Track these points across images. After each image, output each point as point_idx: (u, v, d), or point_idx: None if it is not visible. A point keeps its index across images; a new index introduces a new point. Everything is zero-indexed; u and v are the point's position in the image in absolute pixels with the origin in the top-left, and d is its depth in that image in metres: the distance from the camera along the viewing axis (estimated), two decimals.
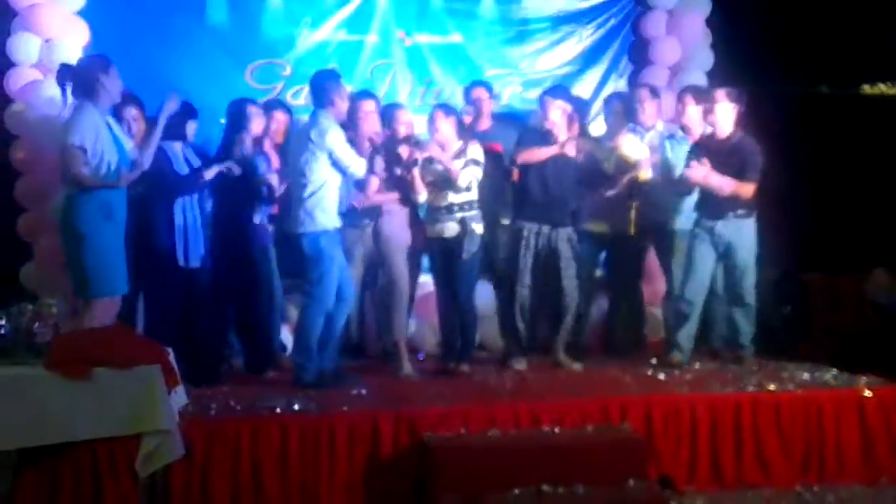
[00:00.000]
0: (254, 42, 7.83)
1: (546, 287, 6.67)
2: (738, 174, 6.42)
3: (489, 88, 7.38)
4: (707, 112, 6.63)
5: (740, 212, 6.54)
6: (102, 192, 5.26)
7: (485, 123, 7.19)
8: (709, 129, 6.74)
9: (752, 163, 6.48)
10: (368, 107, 6.64)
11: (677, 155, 6.85)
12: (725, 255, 6.60)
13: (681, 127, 7.04)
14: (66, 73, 5.43)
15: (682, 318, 6.67)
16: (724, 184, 6.43)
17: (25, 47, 7.13)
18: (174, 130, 6.08)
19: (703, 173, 6.44)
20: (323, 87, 6.08)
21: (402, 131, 6.64)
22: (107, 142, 5.29)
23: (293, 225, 6.04)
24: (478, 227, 6.46)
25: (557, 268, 6.60)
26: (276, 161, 6.64)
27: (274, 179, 6.45)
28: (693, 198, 6.75)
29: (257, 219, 6.42)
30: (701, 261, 6.61)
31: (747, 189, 6.45)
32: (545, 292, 6.70)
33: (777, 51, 7.93)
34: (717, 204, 6.52)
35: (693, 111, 6.88)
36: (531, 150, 6.58)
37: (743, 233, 6.59)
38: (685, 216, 6.86)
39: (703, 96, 6.86)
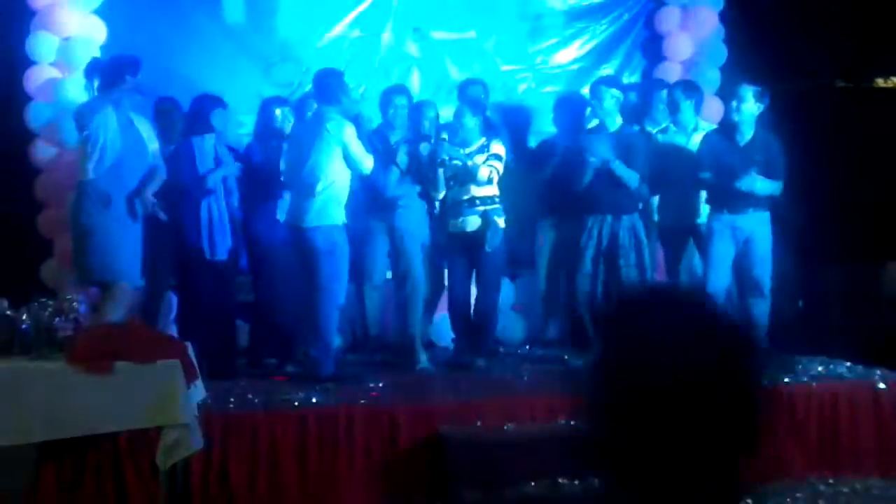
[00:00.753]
0: (270, 41, 7.88)
1: (607, 276, 6.64)
2: (764, 172, 6.45)
3: (484, 86, 7.32)
4: (729, 109, 6.66)
5: (758, 205, 6.58)
6: (100, 181, 5.46)
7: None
8: (701, 123, 6.89)
9: (778, 161, 6.53)
10: (400, 101, 6.77)
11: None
12: (745, 248, 6.63)
13: (673, 121, 7.10)
14: (94, 68, 5.60)
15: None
16: (764, 187, 6.50)
17: (44, 46, 7.19)
18: (201, 124, 6.16)
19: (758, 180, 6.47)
20: (328, 84, 6.14)
21: (427, 126, 6.70)
22: (112, 134, 5.43)
23: (303, 219, 6.06)
24: (500, 221, 6.48)
25: (617, 257, 6.57)
26: None
27: None
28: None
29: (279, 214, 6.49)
30: (722, 255, 6.63)
31: (778, 188, 6.53)
32: (605, 282, 6.67)
33: (791, 45, 7.92)
34: (738, 199, 6.55)
35: (686, 105, 6.95)
36: None
37: (762, 225, 6.63)
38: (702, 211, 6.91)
39: (692, 90, 7.00)
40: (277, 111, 6.75)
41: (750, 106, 6.53)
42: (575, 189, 6.65)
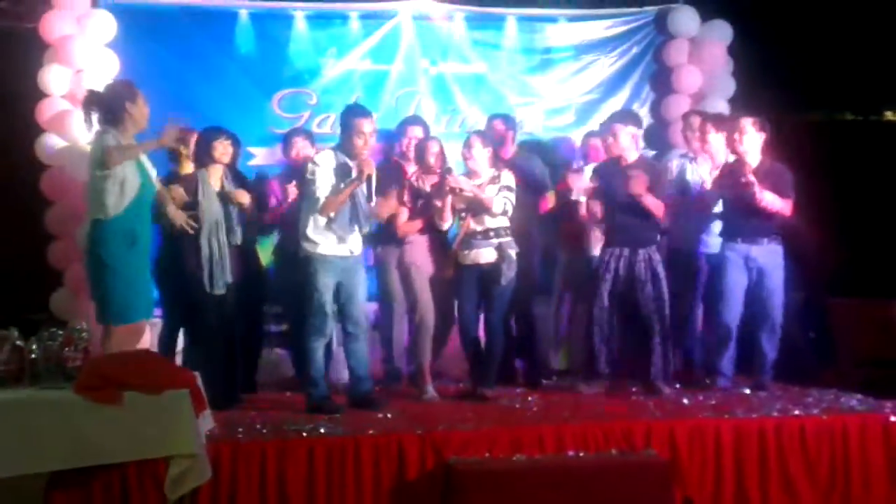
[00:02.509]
0: (281, 71, 7.97)
1: (623, 310, 6.69)
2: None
3: (507, 120, 7.32)
4: (732, 141, 6.68)
5: (772, 237, 6.60)
6: (126, 219, 5.34)
7: (509, 151, 7.23)
8: (731, 158, 6.81)
9: (786, 181, 6.55)
10: (415, 132, 6.94)
11: (697, 177, 6.95)
12: (758, 280, 6.63)
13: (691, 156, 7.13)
14: (92, 100, 5.51)
15: (722, 344, 6.70)
16: (775, 202, 6.49)
17: (56, 79, 7.26)
18: (212, 154, 6.21)
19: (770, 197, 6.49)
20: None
21: (432, 161, 6.74)
22: (130, 170, 5.36)
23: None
24: (512, 253, 6.49)
25: (635, 290, 6.60)
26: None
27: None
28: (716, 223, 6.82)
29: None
30: (735, 285, 6.64)
31: (788, 206, 6.52)
32: (622, 316, 6.72)
33: (799, 78, 7.96)
34: (752, 229, 6.59)
35: (715, 139, 6.94)
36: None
37: (775, 259, 6.64)
38: (709, 240, 6.94)
39: (725, 124, 6.94)
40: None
41: (751, 136, 6.58)
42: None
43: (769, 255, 6.63)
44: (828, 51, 8.06)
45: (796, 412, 5.91)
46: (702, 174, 7.01)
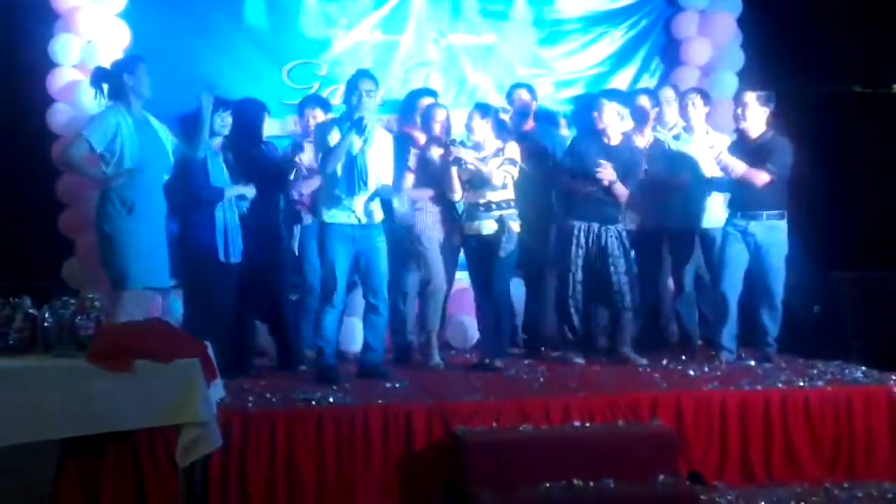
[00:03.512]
0: (290, 42, 7.97)
1: (597, 283, 6.76)
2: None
3: (531, 90, 7.40)
4: (737, 114, 6.71)
5: (773, 213, 6.62)
6: (122, 188, 5.54)
7: (529, 124, 7.25)
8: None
9: (780, 154, 6.59)
10: (425, 103, 6.94)
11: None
12: (756, 255, 6.66)
13: (685, 128, 7.14)
14: (99, 76, 5.75)
15: (722, 316, 6.75)
16: (736, 166, 6.56)
17: (67, 49, 7.28)
18: (211, 126, 6.20)
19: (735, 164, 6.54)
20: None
21: (438, 129, 6.76)
22: (129, 141, 5.54)
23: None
24: (514, 225, 6.52)
25: (607, 264, 6.68)
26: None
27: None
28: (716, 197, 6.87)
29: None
30: (735, 258, 6.68)
31: (761, 177, 6.53)
32: (596, 289, 6.79)
33: (809, 50, 7.93)
34: (750, 204, 6.62)
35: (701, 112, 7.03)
36: None
37: (775, 235, 6.66)
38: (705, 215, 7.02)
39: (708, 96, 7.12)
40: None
41: (755, 110, 6.59)
42: (570, 196, 6.81)
43: (768, 231, 6.66)
44: (837, 23, 8.02)
45: (801, 384, 5.94)
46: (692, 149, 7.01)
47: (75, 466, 4.77)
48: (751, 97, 6.67)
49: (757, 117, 6.65)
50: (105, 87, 5.70)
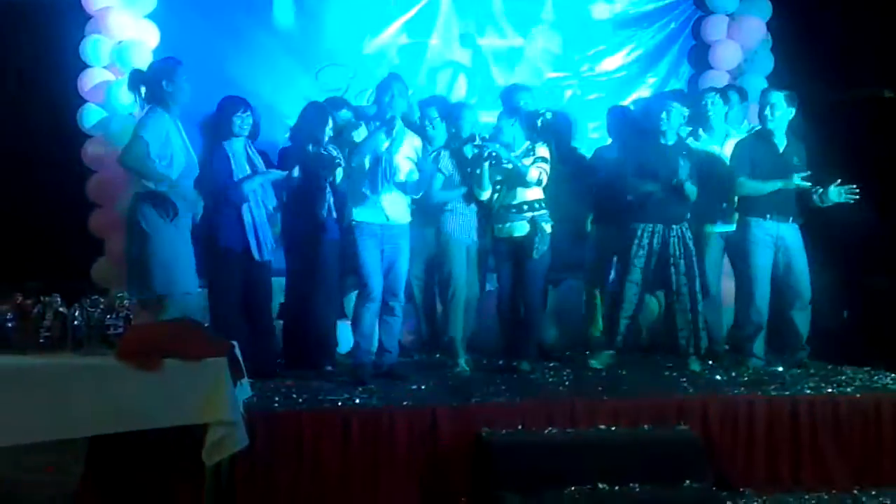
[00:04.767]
0: (319, 45, 7.98)
1: (655, 286, 6.76)
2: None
3: (530, 92, 7.31)
4: (765, 114, 6.68)
5: (797, 216, 6.62)
6: (166, 194, 5.51)
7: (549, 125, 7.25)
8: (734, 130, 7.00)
9: (803, 161, 6.57)
10: (432, 112, 6.84)
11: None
12: (786, 258, 6.62)
13: (703, 127, 7.09)
14: (136, 79, 5.73)
15: (756, 328, 6.70)
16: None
17: (97, 49, 7.33)
18: (231, 128, 6.23)
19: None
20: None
21: (468, 128, 6.78)
22: (177, 146, 5.57)
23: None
24: (547, 227, 6.51)
25: (669, 266, 6.63)
26: None
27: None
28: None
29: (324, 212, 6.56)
30: (766, 264, 6.64)
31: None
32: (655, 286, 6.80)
33: (838, 54, 7.87)
34: (780, 207, 6.59)
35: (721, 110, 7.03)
36: None
37: (798, 237, 6.66)
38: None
39: (725, 95, 7.08)
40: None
41: (783, 111, 6.58)
42: (632, 200, 6.71)
43: (796, 233, 6.65)
44: (867, 28, 7.96)
45: (829, 390, 5.92)
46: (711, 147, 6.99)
47: (103, 463, 4.80)
48: (778, 97, 6.63)
49: (785, 118, 6.61)
50: (143, 90, 5.68)
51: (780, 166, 6.54)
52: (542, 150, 6.54)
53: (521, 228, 6.50)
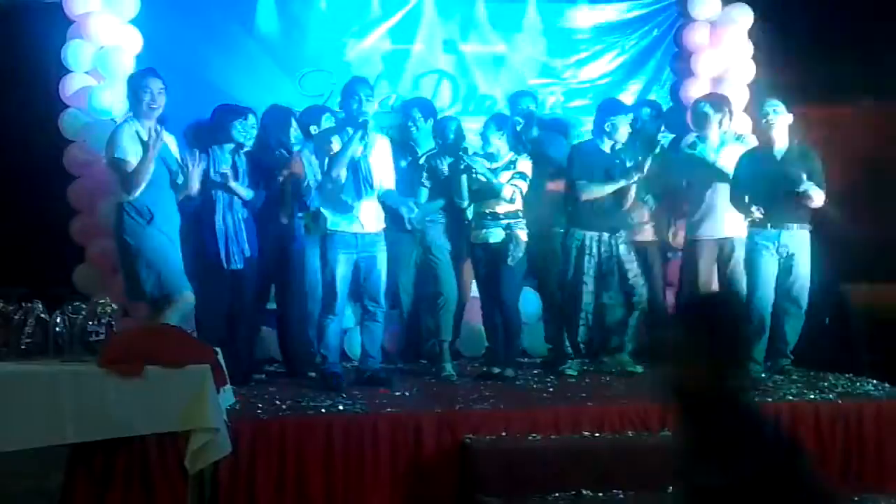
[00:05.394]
0: (302, 51, 7.98)
1: (606, 292, 6.81)
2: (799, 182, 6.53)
3: (534, 98, 7.44)
4: (765, 123, 6.71)
5: (801, 221, 6.65)
6: (143, 198, 5.55)
7: (533, 132, 7.26)
8: (729, 137, 7.01)
9: (817, 169, 6.57)
10: (416, 114, 6.91)
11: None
12: (787, 265, 6.65)
13: (698, 136, 7.13)
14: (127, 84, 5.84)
15: (757, 335, 6.70)
16: (819, 196, 6.56)
17: (79, 54, 7.28)
18: (221, 134, 6.23)
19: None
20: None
21: (451, 140, 6.81)
22: (144, 156, 5.56)
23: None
24: (522, 234, 6.52)
25: (623, 270, 6.71)
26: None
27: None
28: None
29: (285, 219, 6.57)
30: (766, 273, 6.66)
31: (820, 198, 6.56)
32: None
33: (820, 62, 7.91)
34: (781, 214, 6.60)
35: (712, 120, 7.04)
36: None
37: (803, 243, 6.67)
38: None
39: (719, 105, 7.08)
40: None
41: (782, 118, 6.60)
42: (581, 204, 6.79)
43: (800, 240, 6.66)
44: (848, 35, 8.01)
45: (812, 397, 5.95)
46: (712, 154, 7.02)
47: (85, 471, 4.76)
48: (776, 104, 6.68)
49: (784, 126, 6.66)
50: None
51: (778, 174, 6.56)
52: (524, 164, 6.55)
53: (495, 235, 6.52)
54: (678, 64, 8.50)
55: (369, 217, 6.21)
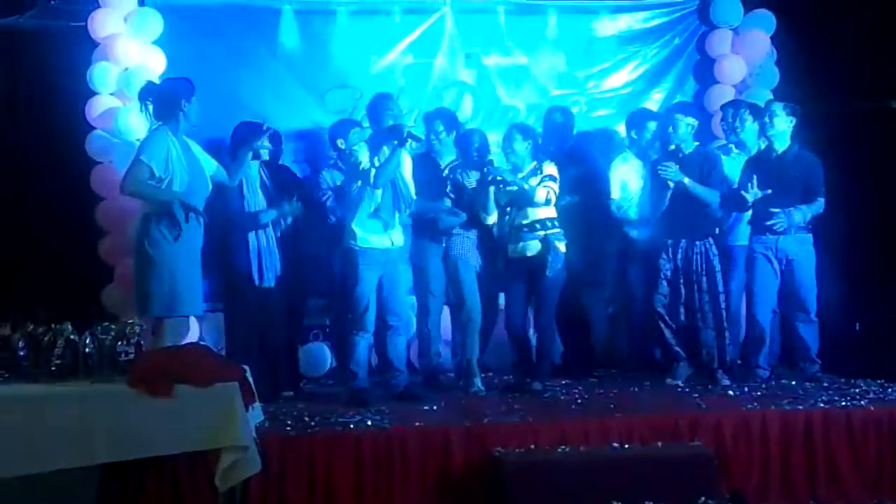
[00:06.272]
0: (325, 67, 7.98)
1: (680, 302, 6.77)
2: (803, 189, 6.52)
3: (565, 112, 7.47)
4: (764, 127, 6.70)
5: (802, 227, 6.61)
6: (174, 213, 5.46)
7: (566, 143, 7.27)
8: (763, 145, 6.90)
9: (816, 177, 6.55)
10: (438, 126, 6.88)
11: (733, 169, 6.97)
12: (788, 270, 6.62)
13: (736, 142, 7.10)
14: (148, 92, 5.69)
15: (759, 341, 6.72)
16: (805, 215, 6.57)
17: (105, 76, 7.35)
18: (248, 149, 6.27)
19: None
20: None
21: (475, 153, 6.82)
22: (178, 164, 5.52)
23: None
24: (560, 245, 6.50)
25: (691, 283, 6.69)
26: None
27: None
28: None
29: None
30: (765, 278, 6.66)
31: (821, 204, 6.49)
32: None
33: (844, 67, 7.87)
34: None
35: (750, 127, 6.98)
36: None
37: (805, 248, 6.67)
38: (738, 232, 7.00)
39: (758, 111, 6.99)
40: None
41: (781, 121, 6.62)
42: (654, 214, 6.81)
43: (799, 245, 6.65)
44: (872, 40, 7.96)
45: (843, 403, 5.90)
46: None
47: (116, 491, 4.80)
48: (778, 107, 6.71)
49: (783, 129, 6.64)
50: (150, 105, 5.66)
51: (780, 178, 6.55)
52: (550, 168, 6.56)
53: (533, 247, 6.50)
54: (701, 71, 8.47)
55: (398, 233, 6.24)
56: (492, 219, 6.64)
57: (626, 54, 8.43)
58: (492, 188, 6.51)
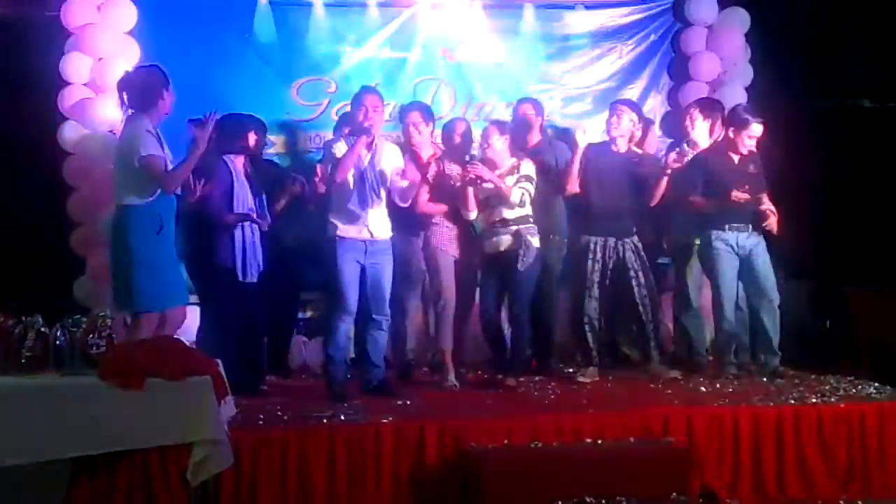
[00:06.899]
0: (299, 60, 7.98)
1: (615, 299, 6.78)
2: (753, 185, 6.62)
3: (536, 105, 7.42)
4: (714, 126, 6.79)
5: (754, 226, 6.74)
6: (156, 204, 5.42)
7: (534, 139, 7.25)
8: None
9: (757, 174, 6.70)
10: (415, 118, 6.83)
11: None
12: (748, 263, 6.73)
13: (686, 141, 7.13)
14: (128, 83, 5.61)
15: (728, 336, 6.77)
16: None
17: (78, 67, 7.31)
18: (234, 144, 6.24)
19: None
20: None
21: (458, 142, 6.80)
22: (157, 154, 5.45)
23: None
24: (534, 240, 6.50)
25: (628, 279, 6.68)
26: None
27: None
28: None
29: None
30: (729, 277, 6.73)
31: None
32: (615, 304, 6.82)
33: (818, 65, 7.93)
34: (735, 217, 6.71)
35: (701, 126, 7.04)
36: None
37: (761, 245, 6.78)
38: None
39: (709, 111, 7.10)
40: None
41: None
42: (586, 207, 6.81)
43: (756, 242, 6.76)
44: (846, 38, 8.02)
45: (813, 400, 5.93)
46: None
47: (87, 484, 4.75)
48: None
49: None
50: (125, 95, 5.57)
51: (736, 176, 6.61)
52: (528, 167, 6.55)
53: (506, 242, 6.50)
54: (675, 68, 8.50)
55: (377, 225, 6.22)
56: (473, 214, 6.62)
57: (601, 50, 8.46)
58: (469, 188, 6.50)
